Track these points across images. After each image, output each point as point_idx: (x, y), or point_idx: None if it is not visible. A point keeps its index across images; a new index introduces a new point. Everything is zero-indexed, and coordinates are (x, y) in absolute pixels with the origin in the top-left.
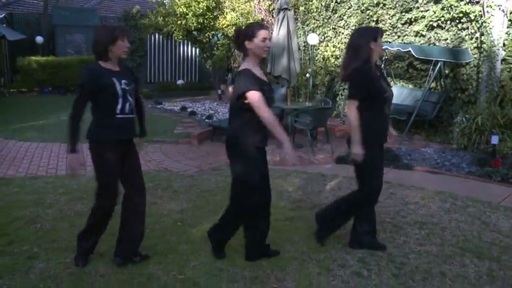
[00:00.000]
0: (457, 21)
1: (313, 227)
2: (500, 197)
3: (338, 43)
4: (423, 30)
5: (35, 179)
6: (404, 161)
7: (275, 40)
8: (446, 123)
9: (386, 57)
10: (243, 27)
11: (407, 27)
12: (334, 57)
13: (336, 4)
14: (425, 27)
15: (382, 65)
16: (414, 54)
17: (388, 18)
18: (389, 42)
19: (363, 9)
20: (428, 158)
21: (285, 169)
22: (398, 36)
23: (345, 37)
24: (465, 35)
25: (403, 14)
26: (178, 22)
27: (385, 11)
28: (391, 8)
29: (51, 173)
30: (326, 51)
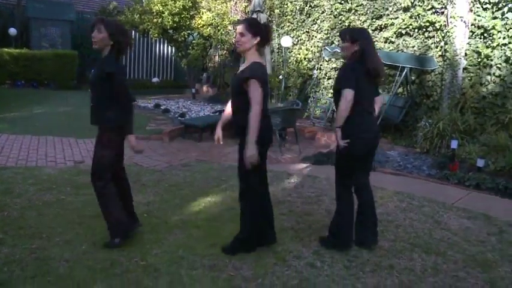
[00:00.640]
0: (424, 30)
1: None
2: (454, 199)
3: (311, 46)
4: (392, 37)
5: (4, 169)
6: None
7: None
8: (411, 127)
9: None
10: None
11: (377, 34)
12: (306, 60)
13: (310, 8)
14: (394, 34)
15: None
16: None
17: (360, 24)
18: None
19: (336, 14)
20: (391, 160)
21: None
22: None
23: (318, 40)
24: (431, 43)
25: (374, 20)
26: (154, 20)
27: (356, 17)
28: (362, 14)
29: (21, 164)
30: (299, 54)
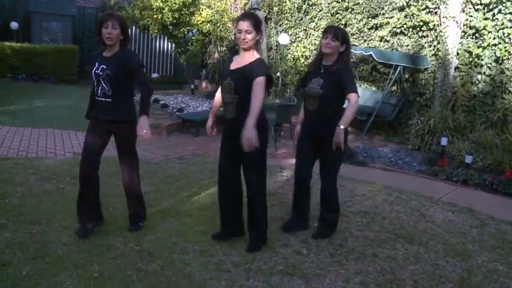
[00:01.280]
0: (418, 29)
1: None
2: (441, 193)
3: (308, 44)
4: (387, 36)
5: (5, 159)
6: (360, 158)
7: None
8: (404, 124)
9: (352, 60)
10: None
11: (373, 32)
12: (304, 57)
13: (307, 6)
14: (389, 33)
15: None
16: (375, 58)
17: (356, 23)
18: (355, 45)
19: (333, 13)
20: (383, 156)
21: None
22: (365, 41)
23: (315, 38)
24: (425, 43)
25: (370, 19)
26: (155, 16)
27: (353, 16)
28: (358, 13)
29: (22, 155)
30: (297, 52)
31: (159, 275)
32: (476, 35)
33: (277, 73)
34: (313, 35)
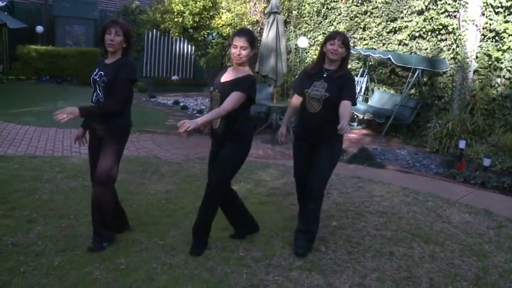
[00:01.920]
0: (437, 33)
1: (283, 210)
2: (459, 196)
3: None
4: (406, 39)
5: (33, 158)
6: (378, 160)
7: (264, 41)
8: (423, 127)
9: (370, 63)
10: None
11: (391, 36)
12: None
13: (326, 10)
14: (408, 36)
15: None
16: (394, 61)
17: (375, 26)
18: (374, 49)
19: (352, 17)
20: (401, 158)
21: (266, 162)
22: (383, 44)
23: None
24: (443, 46)
25: (389, 23)
26: (175, 20)
27: (372, 19)
28: (377, 16)
29: (48, 153)
30: (315, 55)
31: (182, 268)
32: (496, 38)
33: (296, 76)
34: None
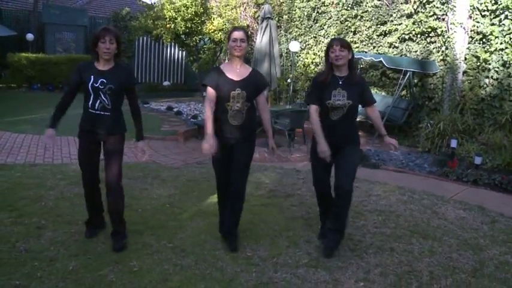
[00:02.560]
0: (426, 35)
1: (285, 211)
2: (452, 193)
3: (318, 51)
4: (396, 42)
5: (33, 166)
6: (373, 160)
7: (258, 46)
8: (414, 128)
9: (362, 66)
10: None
11: (382, 39)
12: (314, 64)
13: (317, 14)
14: (398, 39)
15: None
16: (385, 64)
17: (365, 30)
18: (364, 52)
19: (342, 20)
20: (394, 159)
21: (263, 165)
22: (374, 47)
23: (325, 45)
24: (433, 48)
25: (379, 26)
26: (168, 26)
27: (362, 23)
28: (367, 20)
29: (48, 161)
30: (307, 58)
31: (193, 269)
32: (484, 40)
33: (288, 79)
34: (323, 42)
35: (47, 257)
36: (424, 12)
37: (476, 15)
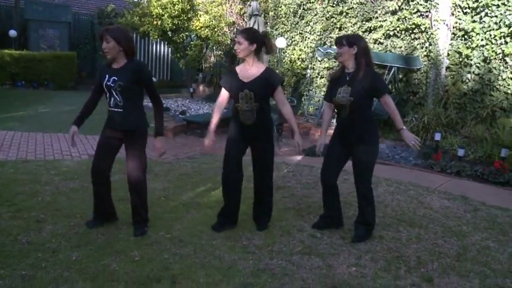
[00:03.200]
0: (410, 32)
1: (277, 202)
2: (437, 184)
3: (304, 47)
4: (381, 38)
5: (26, 162)
6: None
7: None
8: None
9: None
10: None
11: (367, 35)
12: (300, 60)
13: (303, 11)
14: (383, 35)
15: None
16: None
17: (350, 26)
18: None
19: (328, 17)
20: (380, 152)
21: None
22: None
23: (311, 42)
24: (417, 44)
25: (364, 22)
26: (154, 23)
27: (347, 19)
28: (353, 16)
29: (40, 157)
30: (293, 55)
31: (193, 258)
32: (465, 36)
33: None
34: (309, 38)
35: (49, 249)
36: (408, 9)
37: (458, 12)
